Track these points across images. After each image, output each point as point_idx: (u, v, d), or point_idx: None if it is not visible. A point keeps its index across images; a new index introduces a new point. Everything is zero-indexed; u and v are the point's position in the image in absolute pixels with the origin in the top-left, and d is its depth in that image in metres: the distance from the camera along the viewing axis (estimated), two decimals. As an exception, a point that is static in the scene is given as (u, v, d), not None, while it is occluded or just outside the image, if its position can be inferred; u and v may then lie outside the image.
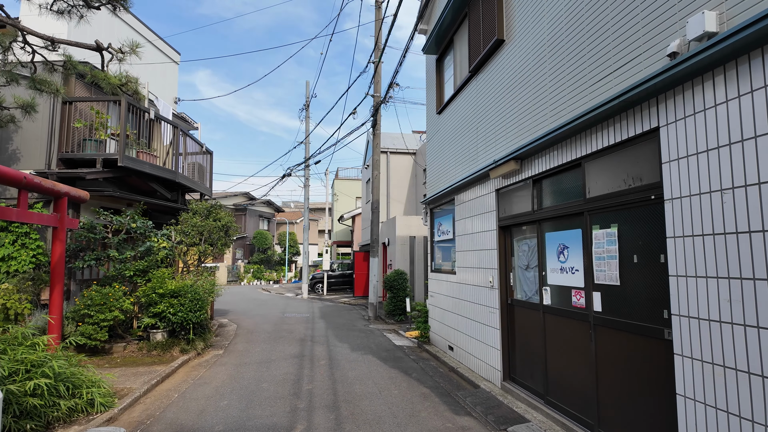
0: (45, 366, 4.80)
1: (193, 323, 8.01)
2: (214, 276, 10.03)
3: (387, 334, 10.74)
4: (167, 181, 11.67)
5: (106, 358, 7.42)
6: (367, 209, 21.50)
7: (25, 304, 7.73)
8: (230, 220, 10.30)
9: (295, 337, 10.10)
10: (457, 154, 7.69)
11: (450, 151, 8.13)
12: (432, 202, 9.28)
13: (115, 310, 7.46)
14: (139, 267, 8.30)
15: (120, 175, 10.08)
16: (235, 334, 10.54)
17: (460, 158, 7.57)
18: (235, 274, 34.17)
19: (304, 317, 13.47)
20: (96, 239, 8.42)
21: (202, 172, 13.89)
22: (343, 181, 29.68)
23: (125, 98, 9.58)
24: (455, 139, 7.84)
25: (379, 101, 13.58)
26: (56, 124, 9.64)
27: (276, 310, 15.21)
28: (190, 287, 8.15)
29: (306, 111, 21.83)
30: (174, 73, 14.29)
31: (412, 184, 18.51)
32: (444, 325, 8.25)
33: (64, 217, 7.27)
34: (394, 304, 12.81)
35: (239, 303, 18.07)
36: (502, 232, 6.06)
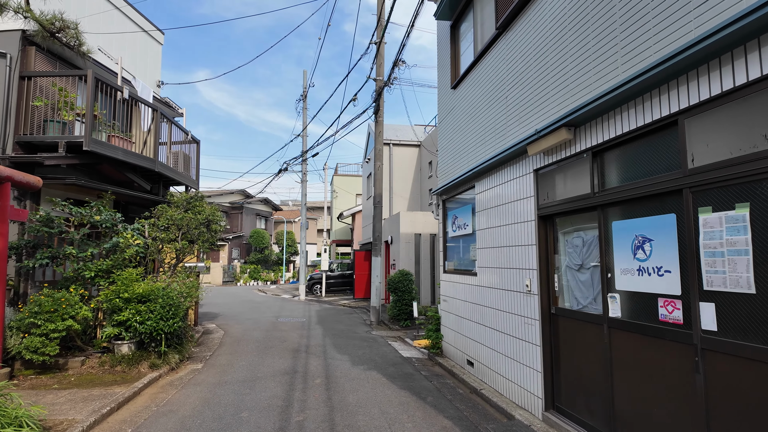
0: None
1: (165, 333, 6.76)
2: (196, 277, 8.79)
3: (392, 342, 9.50)
4: (146, 171, 10.43)
5: (58, 377, 6.17)
6: (368, 206, 20.27)
7: (-37, 311, 6.47)
8: (213, 213, 9.05)
9: (287, 346, 8.86)
10: (479, 133, 6.46)
11: (468, 131, 6.90)
12: (445, 193, 8.04)
13: (68, 318, 6.21)
14: (102, 267, 7.06)
15: (89, 162, 8.82)
16: (220, 343, 9.30)
17: (482, 137, 6.33)
18: (231, 275, 32.93)
19: (300, 322, 12.22)
20: (52, 234, 7.17)
21: (187, 162, 12.63)
22: (343, 178, 28.44)
23: (92, 72, 8.33)
24: (475, 115, 6.60)
25: (381, 85, 12.34)
26: (12, 103, 8.38)
27: (269, 314, 13.97)
28: (161, 291, 6.90)
29: (303, 102, 20.58)
30: (157, 54, 13.03)
31: (417, 179, 17.28)
32: (461, 335, 7.02)
33: (6, 206, 6.04)
34: (398, 308, 11.58)
35: (231, 305, 16.83)
36: (542, 223, 4.82)
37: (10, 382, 5.91)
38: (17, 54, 8.48)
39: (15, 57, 8.46)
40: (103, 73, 9.36)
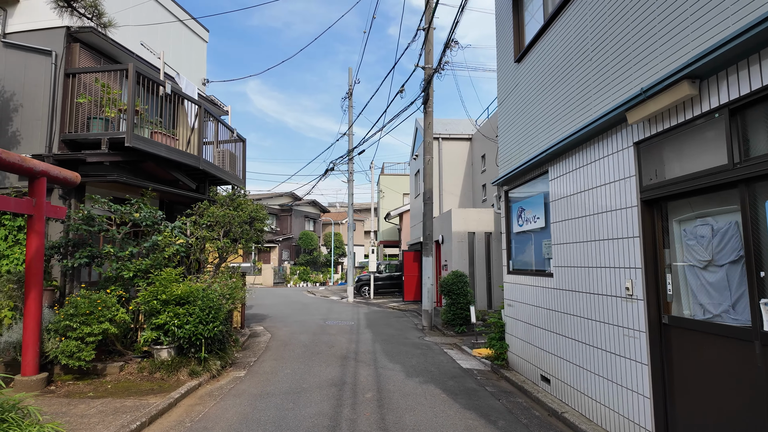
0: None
1: (205, 338, 6.27)
2: (240, 278, 8.33)
3: (448, 350, 8.63)
4: (191, 169, 10.17)
5: (95, 383, 5.80)
6: (416, 205, 19.46)
7: (5, 312, 6.28)
8: (257, 210, 8.55)
9: (335, 352, 8.21)
10: (551, 108, 5.50)
11: (537, 108, 5.95)
12: (508, 182, 7.10)
13: (105, 321, 5.84)
14: (141, 267, 6.69)
15: (132, 160, 8.58)
16: (266, 347, 8.80)
17: (555, 113, 5.38)
18: (281, 276, 33.15)
19: (348, 326, 11.59)
20: (92, 232, 6.90)
21: (233, 160, 12.34)
22: (389, 177, 27.78)
23: (133, 65, 8.07)
24: (546, 88, 5.65)
25: (431, 72, 11.52)
26: (58, 101, 8.27)
27: (317, 316, 13.46)
28: (201, 292, 6.43)
29: (349, 99, 20.11)
30: (202, 51, 12.89)
31: (468, 174, 16.28)
32: (532, 345, 6.06)
33: (41, 202, 5.73)
34: (453, 312, 10.68)
35: (280, 307, 16.55)
36: (647, 210, 3.83)
37: (47, 388, 5.61)
38: (62, 51, 8.37)
39: (60, 54, 8.36)
40: (146, 68, 9.15)
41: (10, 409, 3.59)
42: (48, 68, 8.29)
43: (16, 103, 8.51)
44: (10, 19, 8.74)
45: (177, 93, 9.56)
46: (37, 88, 8.36)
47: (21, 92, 8.51)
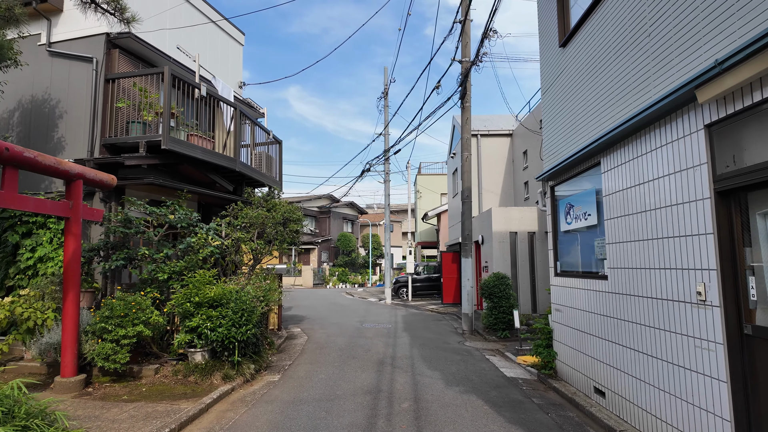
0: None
1: (238, 341, 6.14)
2: (275, 279, 8.22)
3: (491, 357, 8.17)
4: (228, 171, 10.21)
5: (130, 386, 5.77)
6: (454, 205, 18.96)
7: (48, 314, 6.39)
8: (290, 211, 8.41)
9: (371, 357, 7.93)
10: (603, 93, 5.00)
11: (585, 95, 5.45)
12: (554, 177, 6.60)
13: (139, 324, 5.82)
14: (175, 269, 6.66)
15: (169, 162, 8.66)
16: (302, 350, 8.64)
17: (608, 97, 4.88)
18: (320, 277, 33.38)
19: (385, 329, 11.31)
20: (128, 234, 6.95)
21: (269, 162, 12.36)
22: (426, 177, 27.33)
23: (168, 68, 8.12)
24: (596, 72, 5.15)
25: (468, 66, 11.07)
26: (99, 107, 8.45)
27: (354, 319, 13.26)
28: (234, 294, 6.31)
29: (385, 98, 19.88)
30: (238, 55, 12.99)
31: (509, 171, 15.65)
32: (584, 354, 5.55)
33: (78, 205, 5.77)
34: (494, 316, 10.18)
35: (318, 308, 16.50)
36: (723, 202, 3.32)
37: (85, 390, 5.63)
38: (102, 58, 8.55)
39: (100, 61, 8.53)
40: (182, 71, 9.23)
41: (36, 414, 3.51)
42: (89, 74, 8.48)
43: (61, 109, 8.77)
44: (54, 29, 9.03)
45: (212, 95, 9.61)
46: (79, 94, 8.58)
47: (65, 99, 8.76)
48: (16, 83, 9.10)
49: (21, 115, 9.09)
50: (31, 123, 8.99)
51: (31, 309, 6.27)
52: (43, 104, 8.91)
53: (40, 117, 8.92)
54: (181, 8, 10.40)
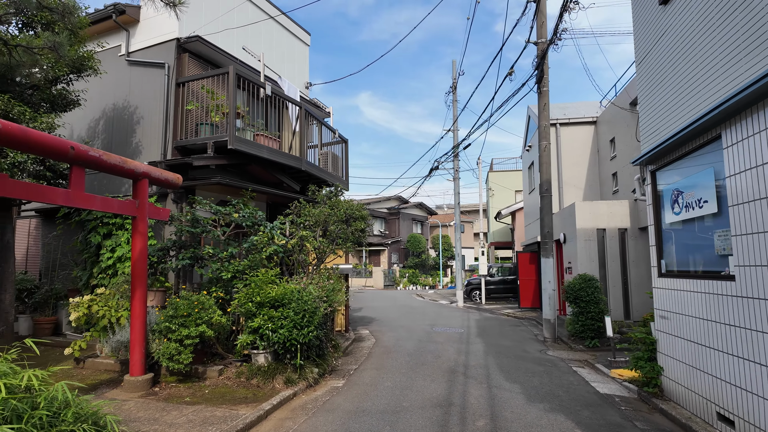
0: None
1: (300, 344, 5.84)
2: (340, 280, 7.90)
3: (578, 369, 7.22)
4: (295, 171, 10.13)
5: (194, 387, 5.67)
6: (530, 202, 17.72)
7: (121, 312, 6.53)
8: (352, 208, 8.05)
9: (442, 364, 7.32)
10: (723, 50, 4.04)
11: (699, 55, 4.48)
12: (656, 159, 5.60)
13: (202, 323, 5.70)
14: (239, 268, 6.52)
15: (237, 163, 8.69)
16: (369, 353, 8.24)
17: (730, 54, 3.92)
18: (391, 279, 33.18)
19: (457, 334, 10.61)
20: (195, 233, 6.95)
21: (335, 161, 12.19)
22: (499, 174, 26.04)
23: (233, 68, 8.11)
24: (712, 25, 4.18)
25: (544, 47, 10.09)
26: (170, 110, 8.67)
27: (424, 322, 12.68)
28: (296, 294, 6.02)
29: (453, 93, 19.12)
30: (304, 55, 12.98)
31: (593, 163, 14.23)
32: (702, 372, 4.55)
33: (144, 204, 5.77)
34: (581, 322, 9.11)
35: (388, 310, 16.13)
36: None
37: (152, 390, 5.59)
38: (173, 62, 8.76)
39: (172, 66, 8.74)
40: (246, 71, 9.25)
41: (85, 418, 3.36)
42: (162, 80, 8.73)
43: (138, 115, 9.13)
44: (132, 39, 9.43)
45: (278, 95, 9.54)
46: (154, 99, 8.87)
47: (142, 105, 9.10)
48: (100, 93, 9.64)
49: (105, 123, 9.62)
50: (113, 130, 9.47)
51: (106, 307, 6.43)
52: (123, 111, 9.34)
53: (120, 123, 9.36)
54: (247, 10, 10.50)
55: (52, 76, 7.30)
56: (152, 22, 9.19)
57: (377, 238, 34.98)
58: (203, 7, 9.39)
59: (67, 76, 7.54)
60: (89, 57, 7.63)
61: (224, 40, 9.60)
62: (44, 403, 3.17)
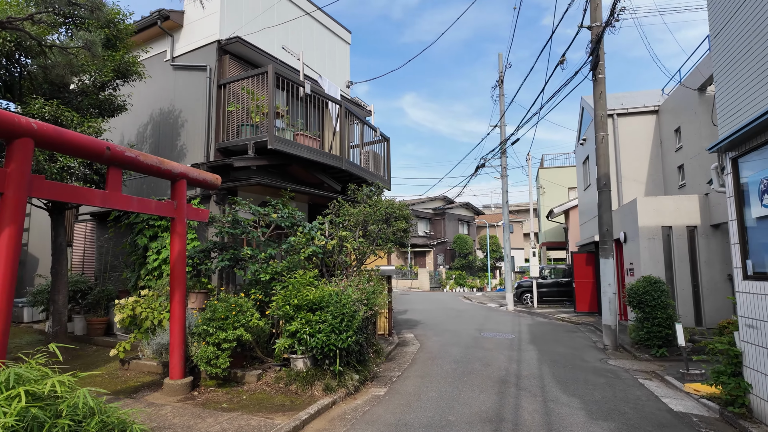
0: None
1: (339, 349, 5.57)
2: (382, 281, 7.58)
3: (645, 381, 6.50)
4: (336, 171, 9.96)
5: (232, 393, 5.53)
6: (585, 199, 16.68)
7: (164, 314, 6.53)
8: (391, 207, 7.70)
9: (491, 373, 6.82)
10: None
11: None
12: (738, 144, 4.87)
13: (239, 327, 5.56)
14: (277, 269, 6.35)
15: (278, 163, 8.60)
16: (413, 359, 7.87)
17: None
18: (437, 280, 32.60)
19: (507, 340, 10.01)
20: (234, 235, 6.86)
21: (377, 160, 11.93)
22: (550, 171, 24.86)
23: (272, 67, 8.01)
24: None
25: (599, 30, 9.32)
26: (213, 112, 8.71)
27: (472, 326, 12.13)
28: (334, 296, 5.76)
29: (499, 87, 18.38)
30: (345, 54, 12.81)
31: (655, 155, 13.12)
32: (806, 393, 3.84)
33: (182, 205, 5.71)
34: (646, 329, 8.30)
35: (434, 313, 15.67)
36: None
37: (190, 394, 5.50)
38: (215, 65, 8.79)
39: (213, 68, 8.77)
40: (285, 70, 9.14)
41: (111, 427, 3.21)
42: (204, 82, 8.79)
43: (183, 119, 9.24)
44: (176, 44, 9.58)
45: (318, 94, 9.39)
46: (197, 102, 8.94)
47: (186, 108, 9.21)
48: (148, 99, 9.88)
49: (152, 128, 9.83)
50: (159, 134, 9.66)
51: (149, 309, 6.45)
52: (169, 115, 9.51)
53: (166, 127, 9.53)
54: (287, 9, 10.43)
55: (99, 82, 7.49)
56: (194, 25, 9.30)
57: (422, 239, 34.48)
58: (243, 8, 9.40)
59: (113, 81, 7.71)
60: (134, 62, 7.76)
61: (264, 40, 9.57)
62: (67, 410, 3.03)
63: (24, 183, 3.88)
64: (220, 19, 8.83)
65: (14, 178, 3.82)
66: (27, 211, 12.75)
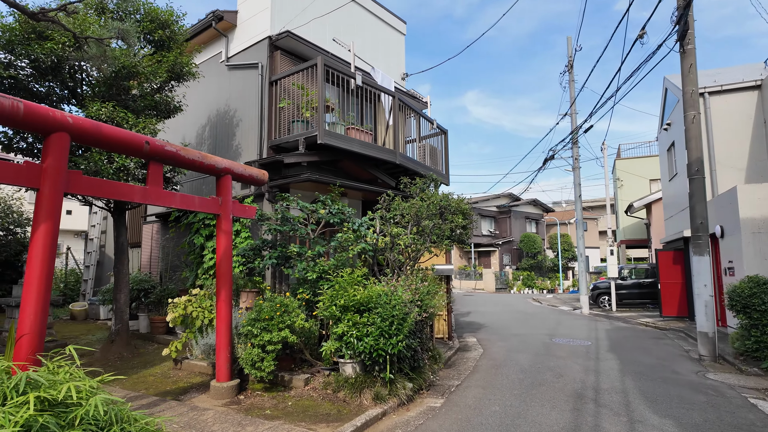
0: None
1: (388, 354, 5.09)
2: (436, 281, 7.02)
3: (757, 401, 5.40)
4: (391, 166, 9.54)
5: (277, 398, 5.23)
6: (671, 191, 14.94)
7: (214, 314, 6.42)
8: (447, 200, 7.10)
9: (565, 386, 6.02)
10: None
11: None
12: None
13: (284, 328, 5.26)
14: (325, 268, 6.00)
15: (329, 159, 8.32)
16: (475, 366, 7.22)
17: None
18: (503, 282, 31.25)
19: (583, 347, 9.01)
20: (282, 232, 6.61)
21: (434, 154, 11.36)
22: (628, 162, 22.77)
23: (321, 58, 7.73)
24: None
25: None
26: (265, 110, 8.61)
27: (542, 331, 11.17)
28: (383, 297, 5.30)
29: (569, 72, 17.06)
30: (400, 45, 12.35)
31: (758, 137, 11.34)
32: None
33: (227, 201, 5.52)
34: (755, 338, 7.03)
35: (499, 315, 14.79)
36: None
37: (236, 398, 5.27)
38: (266, 61, 8.69)
39: (265, 65, 8.68)
40: (335, 62, 8.83)
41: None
42: (256, 80, 8.72)
43: (238, 118, 9.25)
44: (231, 45, 9.63)
45: (370, 86, 9.01)
46: (250, 101, 8.90)
47: (240, 108, 9.21)
48: (206, 101, 10.03)
49: (210, 129, 9.97)
50: (217, 134, 9.76)
51: (200, 308, 6.37)
52: (225, 116, 9.57)
53: (223, 128, 9.60)
54: (337, 2, 10.15)
55: (155, 83, 7.60)
56: (247, 24, 9.28)
57: (486, 239, 33.21)
58: (294, 1, 9.22)
59: (168, 82, 7.81)
60: (187, 62, 7.81)
61: (315, 34, 9.35)
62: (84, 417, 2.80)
63: (60, 179, 3.79)
64: (271, 14, 8.72)
65: (50, 173, 3.73)
66: (104, 214, 13.59)
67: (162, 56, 7.41)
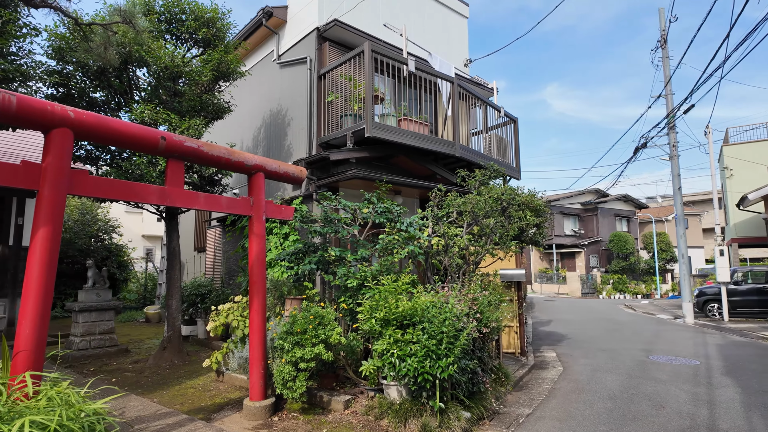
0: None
1: (437, 379, 4.25)
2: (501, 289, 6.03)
3: None
4: (453, 160, 8.70)
5: (313, 422, 4.60)
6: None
7: (254, 323, 5.98)
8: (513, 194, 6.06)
9: (667, 423, 4.76)
10: None
11: None
12: None
13: (318, 343, 4.62)
14: (367, 274, 5.29)
15: (379, 155, 7.67)
16: (552, 390, 6.12)
17: None
18: (590, 286, 28.65)
19: (689, 367, 7.45)
20: (322, 234, 6.03)
21: (502, 145, 10.27)
22: (738, 147, 19.60)
23: (368, 44, 7.09)
24: None
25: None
26: (314, 106, 8.15)
27: (636, 345, 9.58)
28: (432, 309, 4.47)
29: (663, 47, 14.93)
30: (462, 29, 11.39)
31: None
32: None
33: (260, 201, 5.04)
34: None
35: (584, 324, 13.20)
36: None
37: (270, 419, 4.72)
38: (315, 54, 8.24)
39: (313, 58, 8.24)
40: (387, 50, 8.12)
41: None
42: (305, 75, 8.30)
43: (289, 117, 8.90)
44: (282, 42, 9.33)
45: (426, 72, 8.22)
46: (300, 98, 8.50)
47: (291, 106, 8.86)
48: (260, 102, 9.84)
49: (265, 131, 9.75)
50: (270, 135, 9.51)
51: (241, 317, 5.97)
52: (277, 116, 9.29)
53: (275, 128, 9.32)
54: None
55: (202, 84, 7.43)
56: (296, 18, 8.91)
57: (570, 239, 30.69)
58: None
59: (215, 82, 7.61)
60: (233, 61, 7.56)
61: (365, 21, 8.75)
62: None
63: (62, 179, 3.46)
64: (319, 3, 8.25)
65: (50, 173, 3.41)
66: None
67: (208, 55, 7.21)
